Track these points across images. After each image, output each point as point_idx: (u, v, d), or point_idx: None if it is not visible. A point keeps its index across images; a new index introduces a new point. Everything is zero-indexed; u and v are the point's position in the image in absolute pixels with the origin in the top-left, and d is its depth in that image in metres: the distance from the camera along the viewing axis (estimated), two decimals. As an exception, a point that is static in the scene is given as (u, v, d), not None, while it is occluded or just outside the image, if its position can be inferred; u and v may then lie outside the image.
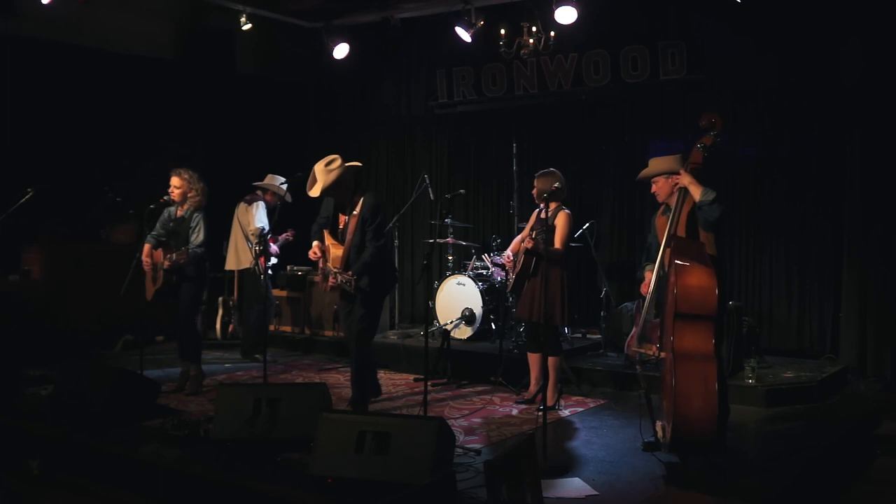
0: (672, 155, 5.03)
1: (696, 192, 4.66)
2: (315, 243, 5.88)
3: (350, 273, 5.58)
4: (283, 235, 8.28)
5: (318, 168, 5.70)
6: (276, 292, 8.84)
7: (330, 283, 5.74)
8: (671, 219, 4.77)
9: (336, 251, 5.76)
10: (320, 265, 5.87)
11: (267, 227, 7.73)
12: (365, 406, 5.81)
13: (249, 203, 7.92)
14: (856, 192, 7.25)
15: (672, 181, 4.92)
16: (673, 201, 4.87)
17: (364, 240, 5.70)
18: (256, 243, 6.98)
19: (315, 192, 5.72)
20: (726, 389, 4.97)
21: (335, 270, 5.65)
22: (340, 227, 5.87)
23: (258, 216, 7.77)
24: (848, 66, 7.23)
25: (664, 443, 4.63)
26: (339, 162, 5.70)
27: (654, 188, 5.04)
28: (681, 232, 4.77)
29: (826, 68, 7.34)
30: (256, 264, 7.38)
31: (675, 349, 4.46)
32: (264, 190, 8.01)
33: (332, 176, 5.65)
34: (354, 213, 5.76)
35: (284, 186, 7.88)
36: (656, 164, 5.03)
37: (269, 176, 8.08)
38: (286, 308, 8.96)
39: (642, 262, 5.20)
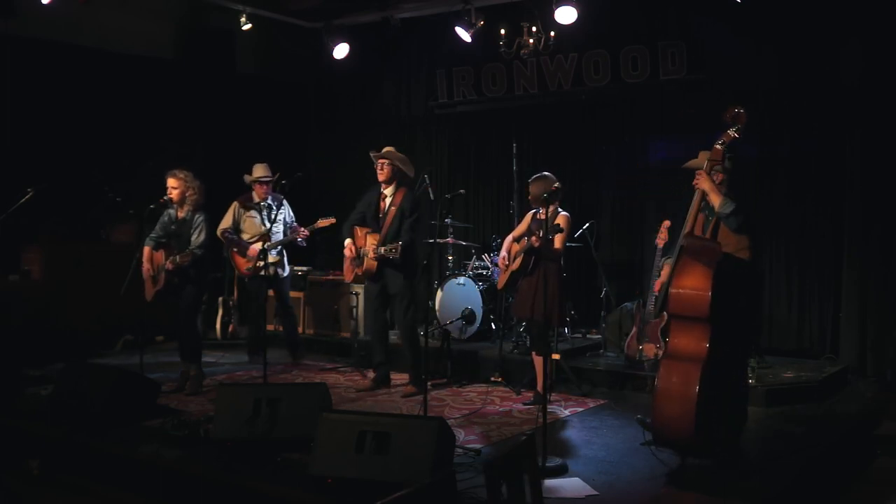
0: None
1: (716, 202, 4.61)
2: (348, 241, 6.62)
3: (393, 246, 6.23)
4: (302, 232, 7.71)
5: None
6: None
7: (371, 256, 6.39)
8: (689, 216, 4.73)
9: (372, 239, 6.49)
10: (350, 258, 6.59)
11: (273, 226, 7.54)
12: (422, 383, 5.69)
13: (247, 208, 7.65)
14: (856, 192, 7.25)
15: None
16: (713, 198, 4.69)
17: (401, 229, 6.44)
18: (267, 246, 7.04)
19: (382, 151, 6.63)
20: (746, 393, 4.95)
21: (376, 246, 6.36)
22: (381, 215, 6.59)
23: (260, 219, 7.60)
24: (848, 65, 7.23)
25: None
26: (400, 155, 6.68)
27: (695, 181, 4.88)
28: (698, 231, 4.75)
29: (826, 68, 7.33)
30: (266, 265, 7.31)
31: (668, 349, 4.48)
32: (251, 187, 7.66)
33: (390, 150, 6.61)
34: (393, 205, 6.53)
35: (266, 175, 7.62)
36: (705, 157, 4.86)
37: (255, 167, 7.72)
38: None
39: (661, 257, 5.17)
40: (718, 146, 4.72)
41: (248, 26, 8.93)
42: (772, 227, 7.70)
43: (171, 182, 6.48)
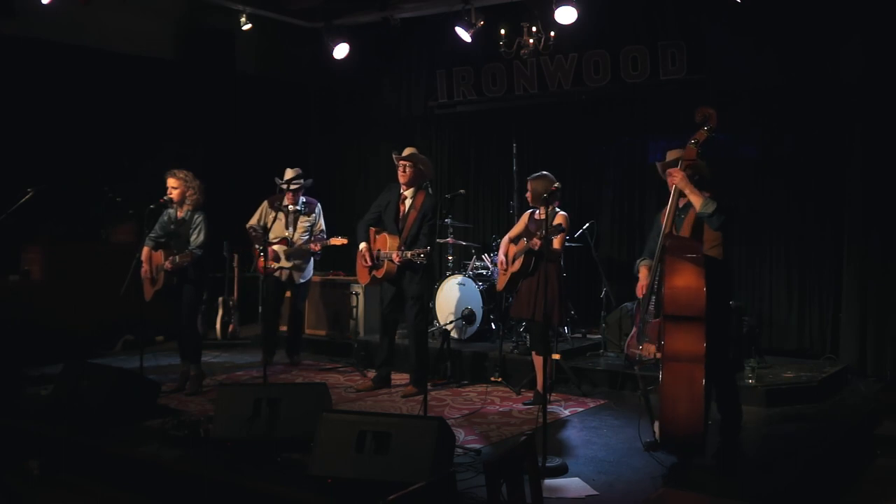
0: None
1: (696, 202, 4.57)
2: (364, 245, 6.57)
3: (422, 250, 6.22)
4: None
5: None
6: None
7: (397, 260, 6.34)
8: (666, 216, 4.73)
9: (392, 241, 6.47)
10: (366, 261, 6.53)
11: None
12: (424, 383, 5.78)
13: (274, 209, 7.52)
14: (856, 192, 7.25)
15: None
16: (692, 198, 4.68)
17: (420, 232, 6.46)
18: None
19: (405, 153, 6.61)
20: (736, 391, 4.95)
21: (402, 250, 6.36)
22: (400, 216, 6.58)
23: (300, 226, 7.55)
24: (848, 63, 7.22)
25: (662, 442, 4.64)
26: (422, 157, 6.68)
27: (668, 180, 4.90)
28: (668, 230, 4.73)
29: (826, 67, 7.33)
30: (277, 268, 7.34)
31: (664, 350, 4.46)
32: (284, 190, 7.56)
33: (413, 151, 6.57)
34: (414, 208, 6.52)
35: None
36: (673, 155, 4.89)
37: (286, 171, 7.65)
38: (286, 309, 8.91)
39: (638, 259, 5.18)
40: (692, 144, 4.68)
41: (248, 26, 8.93)
42: (772, 226, 7.70)
43: (170, 182, 6.48)
